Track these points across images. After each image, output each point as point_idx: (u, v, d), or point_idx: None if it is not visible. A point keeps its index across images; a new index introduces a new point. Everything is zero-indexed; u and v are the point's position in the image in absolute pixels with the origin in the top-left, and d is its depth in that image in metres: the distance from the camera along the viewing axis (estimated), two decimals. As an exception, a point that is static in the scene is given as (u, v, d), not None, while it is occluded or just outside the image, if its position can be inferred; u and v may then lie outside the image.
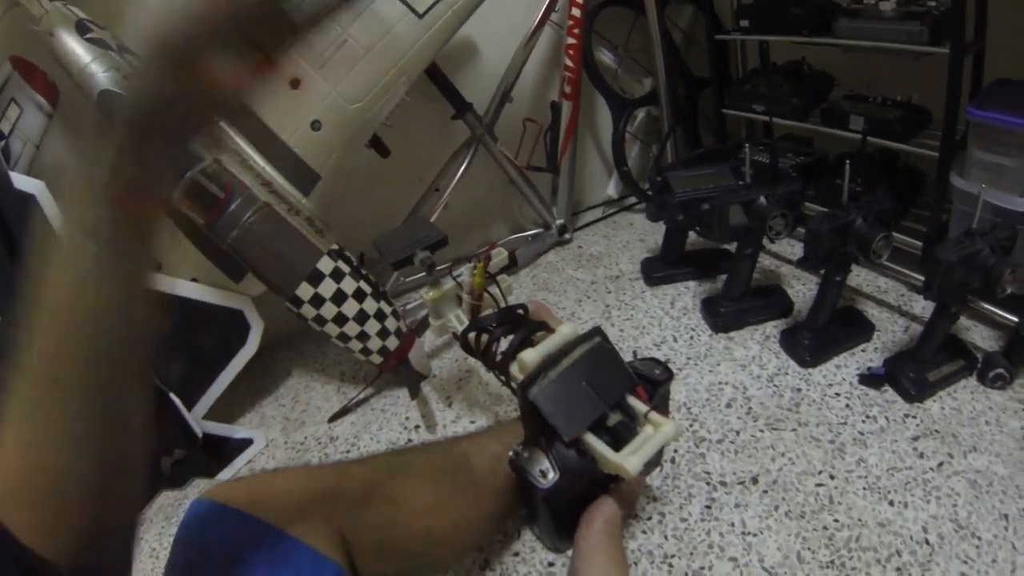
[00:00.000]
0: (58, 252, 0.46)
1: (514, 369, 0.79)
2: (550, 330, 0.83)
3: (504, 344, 0.85)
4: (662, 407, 0.88)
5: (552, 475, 0.74)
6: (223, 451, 1.31)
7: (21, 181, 1.10)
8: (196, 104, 0.48)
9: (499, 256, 1.05)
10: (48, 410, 0.45)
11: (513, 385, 0.79)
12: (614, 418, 0.76)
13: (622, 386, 0.79)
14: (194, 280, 1.27)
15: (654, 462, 0.82)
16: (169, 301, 1.21)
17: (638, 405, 0.78)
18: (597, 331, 0.81)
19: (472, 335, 0.85)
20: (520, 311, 0.85)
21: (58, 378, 0.45)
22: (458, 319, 1.06)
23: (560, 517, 0.82)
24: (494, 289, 1.03)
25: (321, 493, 0.77)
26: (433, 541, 0.82)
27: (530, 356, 0.77)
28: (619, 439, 0.75)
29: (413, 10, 1.20)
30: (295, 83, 1.21)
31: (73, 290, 0.46)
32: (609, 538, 0.78)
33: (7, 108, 1.22)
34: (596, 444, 0.73)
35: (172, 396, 1.22)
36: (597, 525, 0.79)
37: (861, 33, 1.30)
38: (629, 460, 0.71)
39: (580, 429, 0.74)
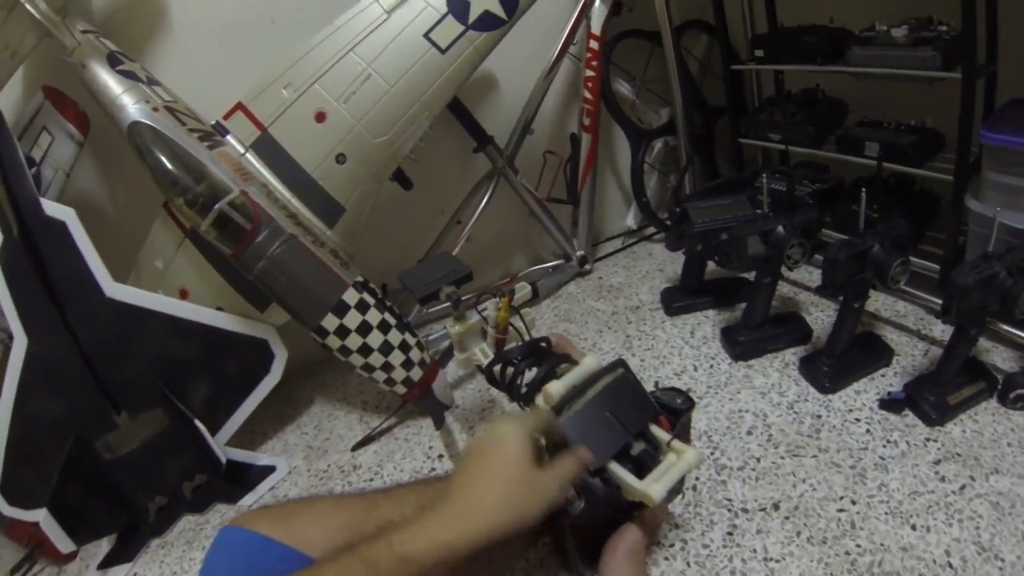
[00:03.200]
0: None
1: (539, 401, 0.80)
2: (574, 362, 0.84)
3: (529, 376, 0.87)
4: (684, 435, 0.89)
5: (578, 503, 0.75)
6: (246, 477, 1.33)
7: (52, 208, 1.13)
8: None
9: (523, 290, 1.07)
10: None
11: (539, 416, 0.80)
12: (638, 447, 0.78)
13: (645, 416, 0.81)
14: (219, 309, 1.30)
15: (676, 489, 0.83)
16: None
17: (661, 434, 0.79)
18: (620, 363, 0.83)
19: (497, 368, 0.87)
20: (543, 343, 0.87)
21: None
22: (483, 352, 1.08)
23: (584, 544, 0.83)
24: (518, 322, 1.04)
25: (349, 523, 0.78)
26: (459, 571, 0.83)
27: (555, 388, 0.78)
28: (643, 467, 0.77)
29: (436, 46, 1.23)
30: (320, 117, 1.24)
31: None
32: (633, 566, 0.79)
33: (39, 136, 1.25)
34: (621, 472, 0.75)
35: (197, 422, 1.24)
36: (621, 553, 0.80)
37: (874, 60, 1.32)
38: (653, 487, 0.73)
39: (605, 458, 0.76)
